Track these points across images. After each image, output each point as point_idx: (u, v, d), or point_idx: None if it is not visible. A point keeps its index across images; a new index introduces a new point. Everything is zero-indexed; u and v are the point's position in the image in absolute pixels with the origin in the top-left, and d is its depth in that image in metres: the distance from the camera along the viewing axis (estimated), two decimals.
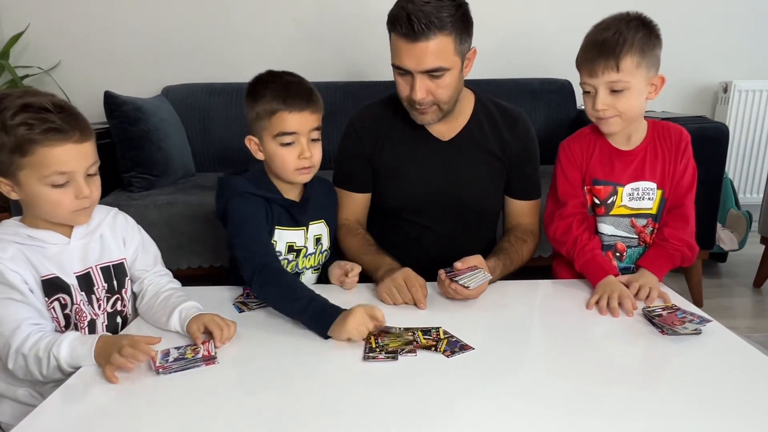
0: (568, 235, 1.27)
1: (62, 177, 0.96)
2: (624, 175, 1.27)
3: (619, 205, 1.28)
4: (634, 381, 0.89)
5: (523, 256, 1.37)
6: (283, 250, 1.26)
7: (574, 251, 1.26)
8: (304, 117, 1.17)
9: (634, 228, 1.29)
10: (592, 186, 1.29)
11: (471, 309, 1.14)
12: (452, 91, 1.28)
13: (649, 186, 1.27)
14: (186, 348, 0.97)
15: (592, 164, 1.29)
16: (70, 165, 0.96)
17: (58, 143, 0.94)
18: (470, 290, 1.12)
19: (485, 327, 1.07)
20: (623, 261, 1.31)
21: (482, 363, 0.93)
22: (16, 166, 0.95)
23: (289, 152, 1.18)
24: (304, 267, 1.30)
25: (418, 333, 1.02)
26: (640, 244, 1.30)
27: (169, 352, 0.95)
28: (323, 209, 1.32)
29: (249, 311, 1.15)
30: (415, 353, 0.96)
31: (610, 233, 1.30)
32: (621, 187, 1.27)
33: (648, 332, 1.04)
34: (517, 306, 1.17)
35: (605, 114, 1.20)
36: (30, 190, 0.97)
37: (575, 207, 1.30)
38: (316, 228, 1.30)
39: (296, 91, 1.16)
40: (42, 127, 0.93)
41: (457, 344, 0.98)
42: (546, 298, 1.20)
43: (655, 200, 1.28)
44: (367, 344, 0.98)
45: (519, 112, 1.44)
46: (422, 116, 1.31)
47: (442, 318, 1.09)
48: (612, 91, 1.18)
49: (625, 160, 1.28)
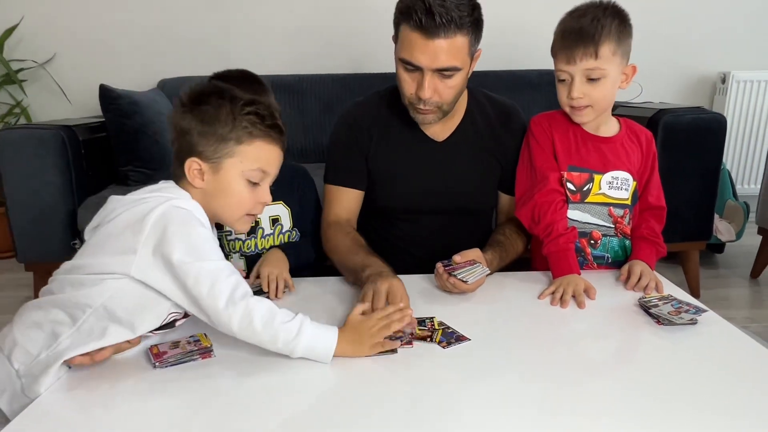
0: (547, 216, 1.24)
1: (261, 175, 1.00)
2: (601, 163, 1.27)
3: (596, 193, 1.27)
4: (630, 372, 0.90)
5: (518, 248, 1.37)
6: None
7: (547, 235, 1.24)
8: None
9: (611, 217, 1.29)
10: (567, 172, 1.28)
11: (467, 301, 1.15)
12: (457, 92, 1.26)
13: (626, 176, 1.28)
14: (184, 341, 0.97)
15: (566, 149, 1.28)
16: (273, 167, 1.02)
17: (273, 143, 1.00)
18: (469, 284, 1.12)
19: (481, 318, 1.07)
20: (597, 248, 1.30)
21: (479, 354, 0.93)
22: (227, 152, 0.97)
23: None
24: (263, 248, 1.32)
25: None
26: (617, 234, 1.30)
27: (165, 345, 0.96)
28: (283, 193, 1.32)
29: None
30: (412, 344, 0.96)
31: (583, 221, 1.29)
32: (599, 175, 1.27)
33: (644, 323, 1.04)
34: (513, 297, 1.17)
35: (580, 102, 1.20)
36: (226, 178, 0.98)
37: (555, 181, 1.27)
38: (268, 209, 1.30)
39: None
40: (268, 123, 0.99)
41: (453, 335, 0.98)
42: (543, 288, 1.19)
43: (630, 191, 1.29)
44: None
45: (512, 106, 1.43)
46: (423, 116, 1.28)
47: (436, 309, 1.09)
48: (588, 80, 1.18)
49: (604, 147, 1.28)
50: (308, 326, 0.90)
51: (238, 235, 1.30)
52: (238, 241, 1.30)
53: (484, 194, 1.43)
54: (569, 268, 1.19)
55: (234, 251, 1.31)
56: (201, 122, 0.97)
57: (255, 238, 1.31)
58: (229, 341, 0.98)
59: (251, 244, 1.31)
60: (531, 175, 1.32)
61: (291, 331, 0.89)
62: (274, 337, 0.89)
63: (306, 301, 1.17)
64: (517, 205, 1.34)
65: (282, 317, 0.90)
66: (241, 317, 0.88)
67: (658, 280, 1.19)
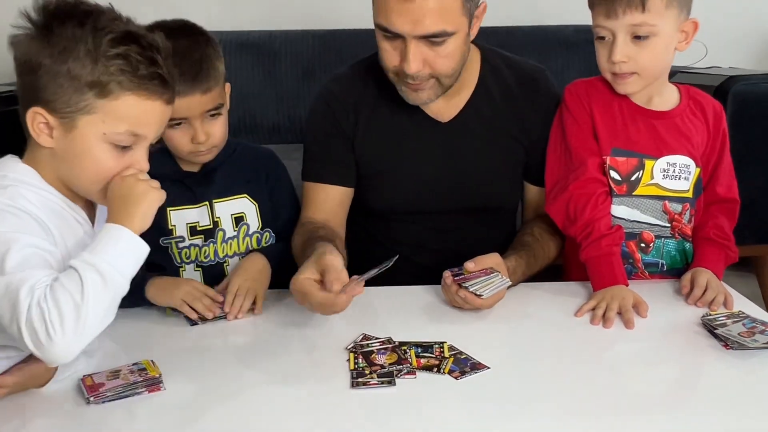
0: (585, 213, 1.24)
1: (132, 139, 0.94)
2: (654, 145, 1.27)
3: (648, 183, 1.28)
4: (691, 409, 0.91)
5: (550, 253, 1.37)
6: (186, 234, 1.29)
7: (585, 237, 1.24)
8: (194, 101, 1.17)
9: (666, 214, 1.29)
10: (611, 157, 1.28)
11: (484, 320, 1.15)
12: (456, 61, 1.25)
13: (686, 161, 1.28)
14: (126, 370, 0.97)
15: (609, 127, 1.29)
16: (151, 128, 0.95)
17: (152, 97, 0.93)
18: (484, 299, 1.12)
19: (502, 342, 1.08)
20: (649, 253, 1.31)
21: (501, 387, 0.94)
22: (85, 107, 0.90)
23: (179, 134, 1.21)
24: (226, 255, 1.32)
25: (411, 351, 1.02)
26: (674, 235, 1.31)
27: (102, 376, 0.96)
28: (246, 183, 1.33)
29: (203, 323, 1.15)
30: (414, 374, 0.97)
31: (632, 218, 1.29)
32: (651, 160, 1.27)
33: (708, 346, 1.05)
34: (543, 314, 1.18)
35: (623, 68, 1.21)
36: (82, 140, 0.92)
37: (595, 168, 1.27)
38: (229, 205, 1.32)
39: (180, 68, 1.09)
40: (144, 71, 0.91)
41: (467, 363, 0.99)
42: (579, 303, 1.20)
43: (692, 181, 1.29)
44: (354, 366, 0.99)
45: (539, 72, 1.43)
46: (415, 94, 1.27)
47: (446, 330, 1.09)
48: (634, 38, 1.18)
49: (658, 125, 1.28)
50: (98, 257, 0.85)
51: (193, 240, 1.30)
52: (192, 248, 1.30)
53: (505, 188, 1.44)
54: (614, 278, 1.19)
55: (187, 261, 1.31)
56: (50, 56, 0.88)
57: (214, 243, 1.31)
58: (182, 369, 0.99)
59: (209, 252, 1.31)
60: (565, 161, 1.32)
61: (95, 282, 0.84)
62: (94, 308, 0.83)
63: (282, 317, 1.18)
64: (547, 198, 1.35)
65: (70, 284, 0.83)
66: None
67: (727, 293, 1.19)
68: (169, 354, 1.03)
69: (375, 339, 1.06)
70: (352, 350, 1.03)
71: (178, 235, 1.29)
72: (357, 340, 1.06)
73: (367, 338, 1.07)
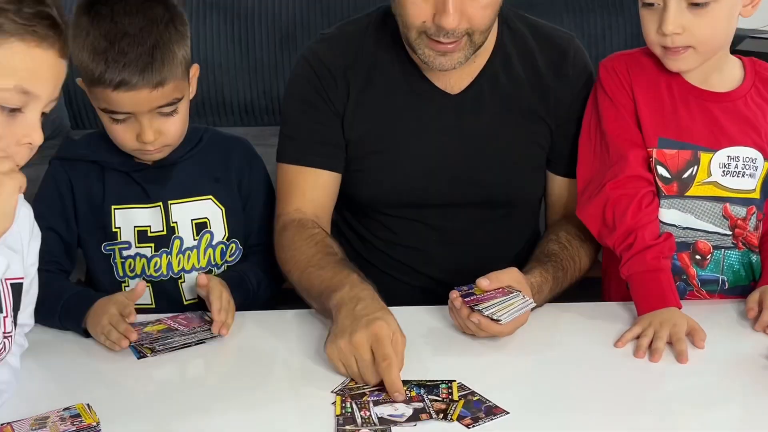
0: (626, 218, 1.23)
1: (22, 99, 0.90)
2: (711, 134, 1.26)
3: (703, 182, 1.27)
4: None
5: (582, 264, 1.36)
6: (133, 239, 1.28)
7: (627, 247, 1.23)
8: (141, 95, 1.15)
9: (727, 219, 1.28)
10: (658, 149, 1.28)
11: (501, 351, 1.14)
12: (495, 11, 1.26)
13: (752, 154, 1.27)
14: (56, 416, 0.95)
15: (656, 112, 1.28)
16: (44, 85, 0.92)
17: (42, 44, 0.90)
18: (503, 326, 1.11)
19: (525, 379, 1.09)
20: (705, 268, 1.30)
21: None
22: None
23: (122, 129, 1.21)
24: (182, 269, 1.31)
25: (411, 393, 1.02)
26: (737, 245, 1.29)
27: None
28: (212, 181, 1.34)
29: (153, 355, 1.13)
30: (415, 423, 0.95)
31: (684, 225, 1.29)
32: (707, 153, 1.26)
33: None
34: (575, 343, 1.18)
35: (676, 41, 1.19)
36: None
37: (638, 163, 1.27)
38: (189, 208, 1.31)
39: (127, 55, 1.14)
40: (30, 9, 0.88)
41: (480, 405, 0.98)
42: (621, 329, 1.19)
43: (759, 178, 1.29)
44: (341, 411, 0.98)
45: (569, 40, 1.43)
46: (444, 58, 1.26)
47: (454, 365, 1.08)
48: (690, 5, 1.17)
49: (716, 109, 1.27)
50: None
51: (140, 249, 1.29)
52: (138, 258, 1.29)
53: (525, 177, 1.44)
54: (663, 299, 1.18)
55: (131, 275, 1.30)
56: None
57: (168, 253, 1.30)
58: (129, 414, 0.98)
59: (160, 264, 1.30)
60: (601, 155, 1.31)
61: None
62: None
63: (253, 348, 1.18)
64: (579, 200, 1.34)
65: None
66: None
67: None
68: (111, 394, 1.03)
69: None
70: (340, 392, 1.02)
71: (123, 240, 1.28)
72: (345, 381, 1.05)
73: None
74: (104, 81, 1.14)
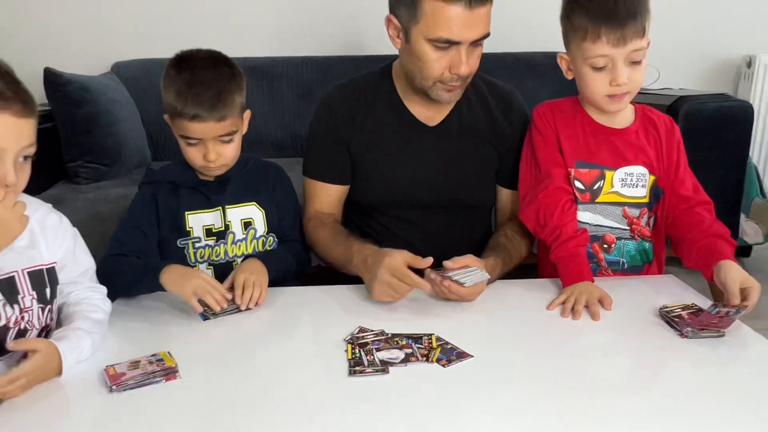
0: (553, 218, 1.24)
1: None
2: (613, 158, 1.28)
3: (608, 192, 1.28)
4: (651, 391, 0.91)
5: (522, 252, 1.38)
6: (201, 234, 1.30)
7: (554, 239, 1.24)
8: (208, 126, 1.20)
9: (626, 218, 1.30)
10: (575, 169, 1.28)
11: (467, 313, 1.15)
12: (479, 60, 1.28)
13: (641, 171, 1.28)
14: (145, 360, 0.96)
15: (573, 142, 1.29)
16: (5, 140, 0.89)
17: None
18: (466, 288, 1.12)
19: (484, 332, 1.08)
20: (611, 254, 1.31)
21: (483, 371, 0.94)
22: None
23: (194, 151, 1.24)
24: (235, 255, 1.33)
25: (402, 342, 1.02)
26: (633, 236, 1.31)
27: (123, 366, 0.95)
28: (255, 192, 1.34)
29: (215, 318, 1.14)
30: (406, 364, 0.96)
31: (595, 223, 1.30)
32: (610, 171, 1.28)
33: (666, 335, 1.06)
34: (519, 308, 1.18)
35: (623, 89, 1.19)
36: None
37: (561, 178, 1.27)
38: (239, 211, 1.32)
39: (200, 97, 1.18)
40: None
41: (453, 352, 0.99)
42: (551, 297, 1.20)
43: (648, 187, 1.29)
44: (352, 356, 0.98)
45: (512, 92, 1.45)
46: (449, 94, 1.29)
47: (433, 323, 1.09)
48: (631, 63, 1.18)
49: (615, 140, 1.28)
50: None
51: (207, 241, 1.30)
52: (206, 248, 1.30)
53: (481, 187, 1.45)
54: (581, 275, 1.19)
55: (201, 260, 1.31)
56: None
57: (225, 244, 1.31)
58: (198, 359, 0.98)
59: (220, 251, 1.31)
60: (535, 173, 1.32)
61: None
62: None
63: (287, 312, 1.18)
64: (520, 206, 1.35)
65: None
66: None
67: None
68: (184, 346, 1.02)
69: (370, 331, 1.05)
70: (350, 341, 1.03)
71: (195, 236, 1.30)
72: (354, 333, 1.05)
73: (363, 331, 1.06)
74: (183, 114, 1.18)
